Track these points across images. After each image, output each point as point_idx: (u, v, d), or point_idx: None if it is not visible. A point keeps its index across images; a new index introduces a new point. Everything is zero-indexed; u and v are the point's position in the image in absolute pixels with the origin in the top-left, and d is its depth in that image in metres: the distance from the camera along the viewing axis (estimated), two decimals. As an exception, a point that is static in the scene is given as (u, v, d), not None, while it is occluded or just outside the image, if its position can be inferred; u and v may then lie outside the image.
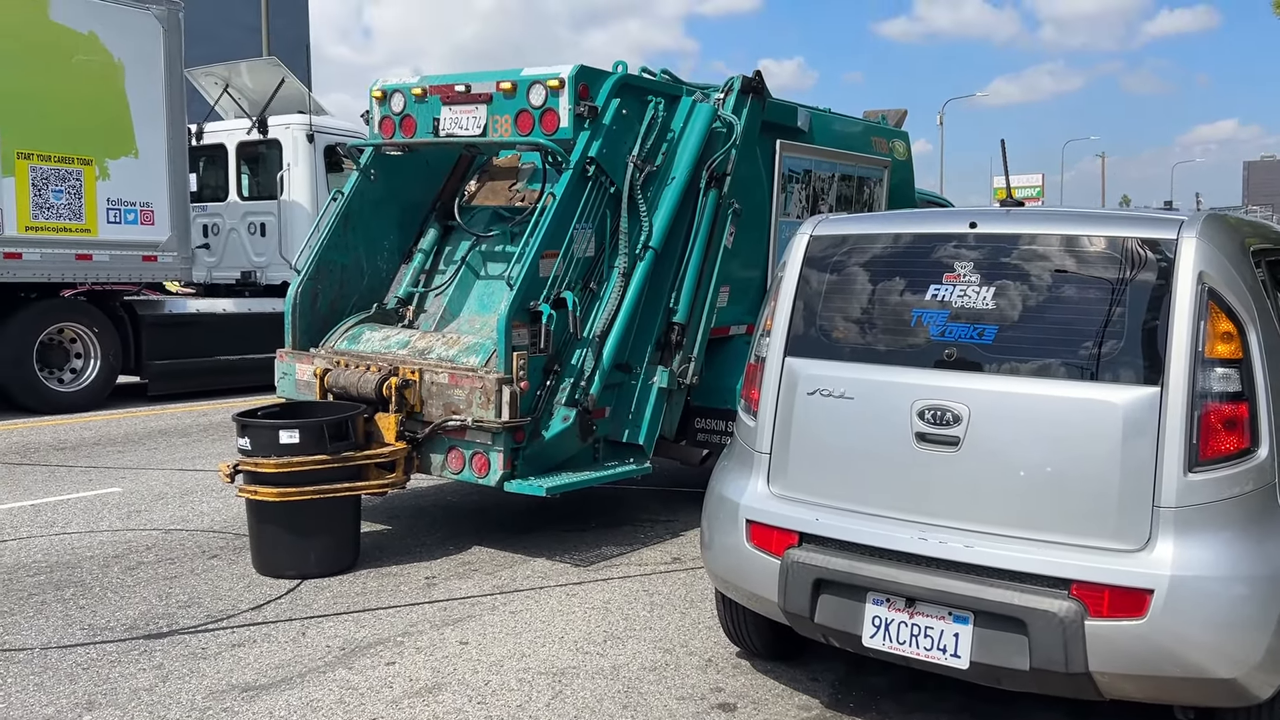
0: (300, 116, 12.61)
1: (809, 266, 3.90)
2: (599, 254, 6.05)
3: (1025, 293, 3.43)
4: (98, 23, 10.73)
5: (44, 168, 10.37)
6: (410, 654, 4.41)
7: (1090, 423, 3.21)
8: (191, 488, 7.31)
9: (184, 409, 10.89)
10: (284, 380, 6.39)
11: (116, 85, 10.91)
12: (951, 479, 3.38)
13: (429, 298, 6.77)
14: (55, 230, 10.49)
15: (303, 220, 12.30)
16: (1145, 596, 3.04)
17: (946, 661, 3.30)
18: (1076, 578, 3.12)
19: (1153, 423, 3.13)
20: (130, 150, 11.05)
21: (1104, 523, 3.15)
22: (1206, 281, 3.20)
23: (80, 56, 10.61)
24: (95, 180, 10.76)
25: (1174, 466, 3.10)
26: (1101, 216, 3.57)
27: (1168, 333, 3.18)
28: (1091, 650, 3.07)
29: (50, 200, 10.41)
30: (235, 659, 4.33)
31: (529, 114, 6.05)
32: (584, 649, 4.49)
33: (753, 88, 6.63)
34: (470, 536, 6.14)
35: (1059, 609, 3.10)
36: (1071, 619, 3.08)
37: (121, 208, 11.00)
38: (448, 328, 6.49)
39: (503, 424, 5.44)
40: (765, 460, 3.82)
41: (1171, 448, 3.10)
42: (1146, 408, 3.15)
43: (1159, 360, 3.17)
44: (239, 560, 5.64)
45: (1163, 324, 3.20)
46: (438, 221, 6.95)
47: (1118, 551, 3.12)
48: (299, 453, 5.19)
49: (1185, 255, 3.24)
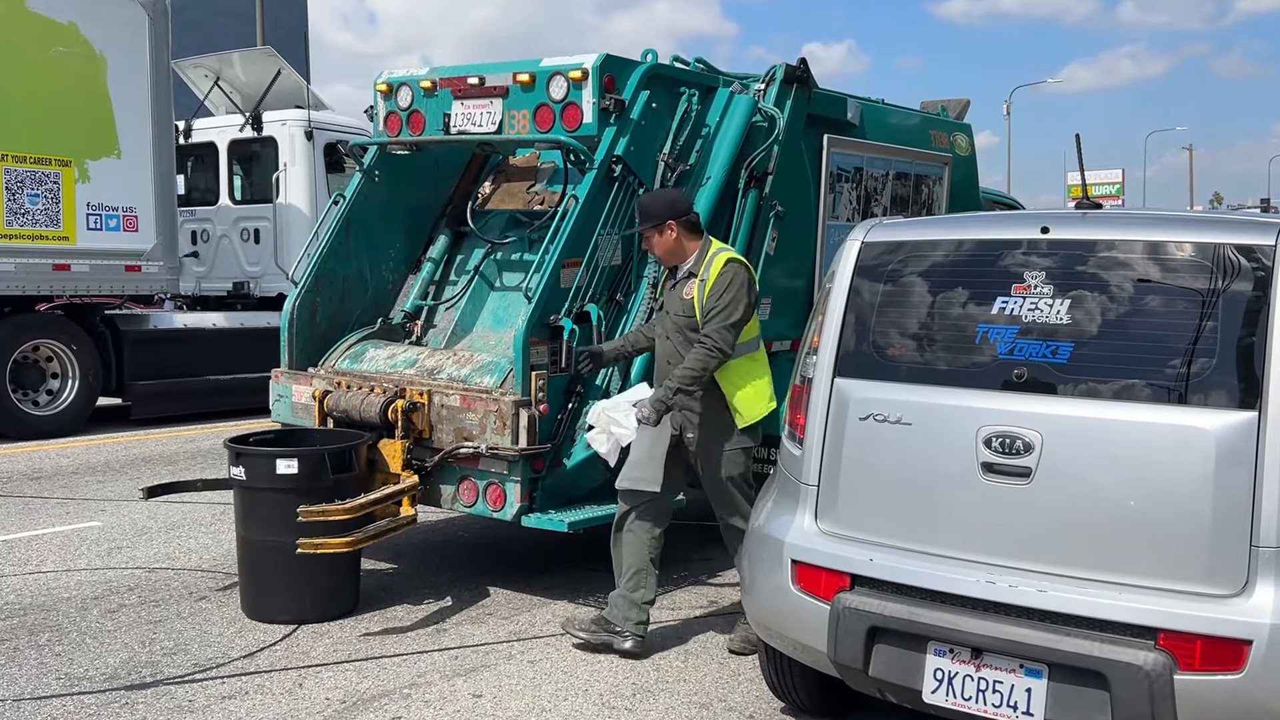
0: (298, 112, 12.73)
1: (860, 276, 3.89)
2: (626, 262, 6.06)
3: (1104, 305, 3.41)
4: (78, 12, 10.90)
5: (18, 169, 10.54)
6: (418, 708, 4.42)
7: (1178, 451, 3.18)
8: (178, 522, 7.38)
9: (170, 434, 11.00)
10: (280, 403, 6.44)
11: (98, 80, 11.08)
12: (1023, 515, 3.36)
13: (439, 311, 6.81)
14: (30, 238, 10.64)
15: (300, 226, 12.41)
16: (1243, 647, 3.00)
17: (1017, 720, 3.27)
18: (1164, 626, 3.09)
19: (1250, 451, 3.10)
20: (113, 150, 11.19)
21: (1195, 564, 3.12)
22: (1309, 292, 3.16)
23: (59, 49, 10.79)
24: (74, 183, 10.91)
25: (1275, 500, 3.06)
26: (1189, 220, 3.54)
27: (1266, 350, 3.15)
28: (1181, 708, 3.03)
29: (25, 205, 10.57)
30: (225, 712, 4.35)
31: (549, 108, 6.09)
32: (610, 703, 4.48)
33: (797, 77, 6.63)
34: (484, 576, 6.16)
35: (1144, 661, 3.07)
36: (1159, 673, 3.05)
37: (103, 213, 11.15)
38: (459, 344, 6.53)
39: (520, 451, 5.45)
40: (813, 493, 3.81)
41: (1272, 479, 3.07)
42: (1243, 434, 3.12)
43: (1256, 381, 3.14)
44: (229, 603, 5.69)
45: (1260, 340, 3.17)
46: (449, 227, 7.00)
47: (1211, 597, 3.09)
48: (298, 483, 5.23)
49: (1285, 263, 3.21)
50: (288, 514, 5.14)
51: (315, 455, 5.32)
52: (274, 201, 12.74)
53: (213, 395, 12.08)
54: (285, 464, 5.26)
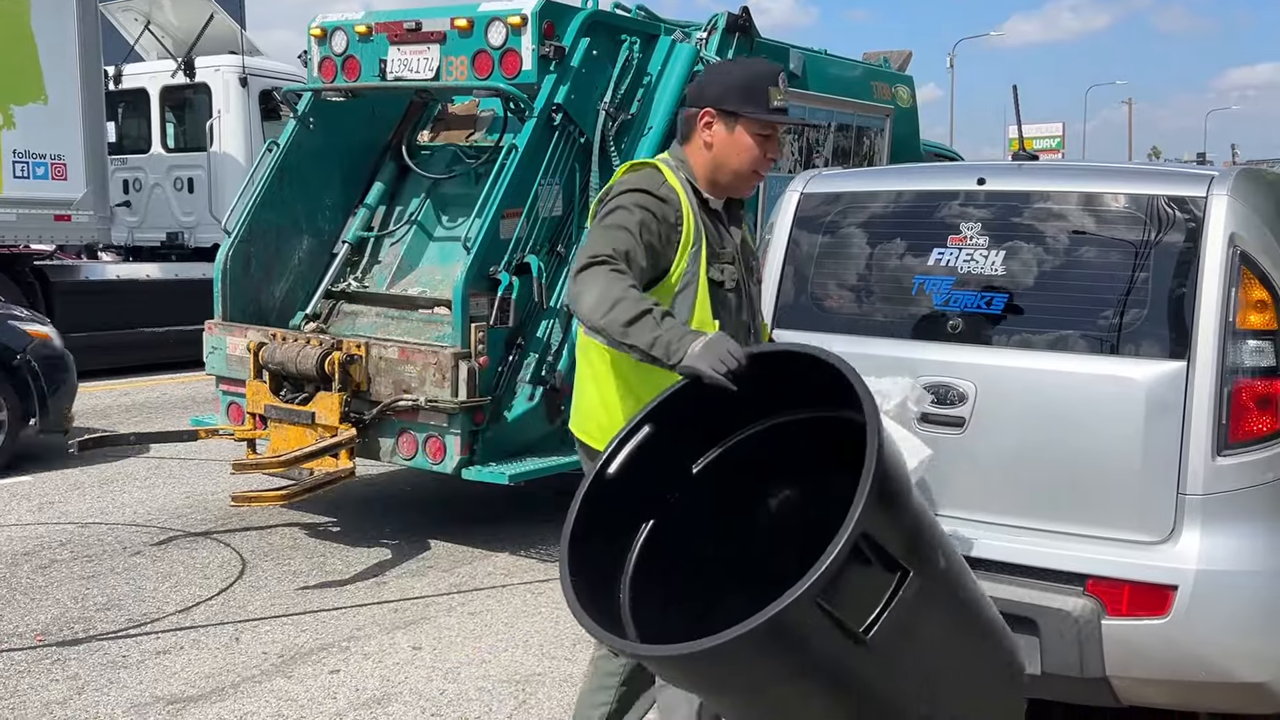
0: (232, 58, 12.45)
1: (799, 227, 3.89)
2: (567, 213, 6.02)
3: (1039, 257, 3.43)
4: (0, -49, 10.53)
5: (-60, 115, 10.21)
6: (357, 661, 4.41)
7: (1109, 401, 3.22)
8: (111, 476, 7.28)
9: (103, 387, 10.80)
10: (214, 355, 6.35)
11: (22, 22, 10.72)
12: (955, 464, 3.39)
13: (384, 246, 6.72)
14: (-47, 186, 10.34)
15: (236, 175, 12.13)
16: (1168, 593, 3.06)
17: (950, 666, 3.32)
18: (1092, 573, 3.14)
19: (1178, 401, 3.14)
20: (39, 96, 10.87)
21: (1123, 512, 3.17)
22: (1239, 244, 3.21)
23: (-21, -11, 10.43)
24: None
25: (1201, 449, 3.11)
26: (1122, 172, 3.57)
27: (1195, 301, 3.19)
28: (1109, 652, 3.09)
29: (-53, 153, 10.25)
30: (160, 668, 4.32)
31: (487, 55, 6.00)
32: (550, 654, 4.50)
33: (739, 26, 6.59)
34: (425, 529, 6.14)
35: (1073, 607, 3.13)
36: (1087, 618, 3.10)
37: (30, 161, 10.84)
38: (405, 279, 6.46)
39: (460, 404, 5.42)
40: (751, 444, 3.82)
41: (1199, 428, 3.12)
42: (1172, 384, 3.16)
43: (1186, 331, 3.18)
44: (164, 557, 5.62)
45: (1190, 291, 3.21)
46: (392, 161, 6.86)
47: (1138, 544, 3.14)
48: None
49: (1215, 215, 3.25)
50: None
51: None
52: (208, 150, 12.49)
53: (147, 348, 11.86)
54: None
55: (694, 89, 3.01)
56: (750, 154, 2.89)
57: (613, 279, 2.57)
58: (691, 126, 2.92)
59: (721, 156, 2.89)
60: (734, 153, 2.88)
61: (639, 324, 2.48)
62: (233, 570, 5.46)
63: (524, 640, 4.63)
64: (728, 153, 2.88)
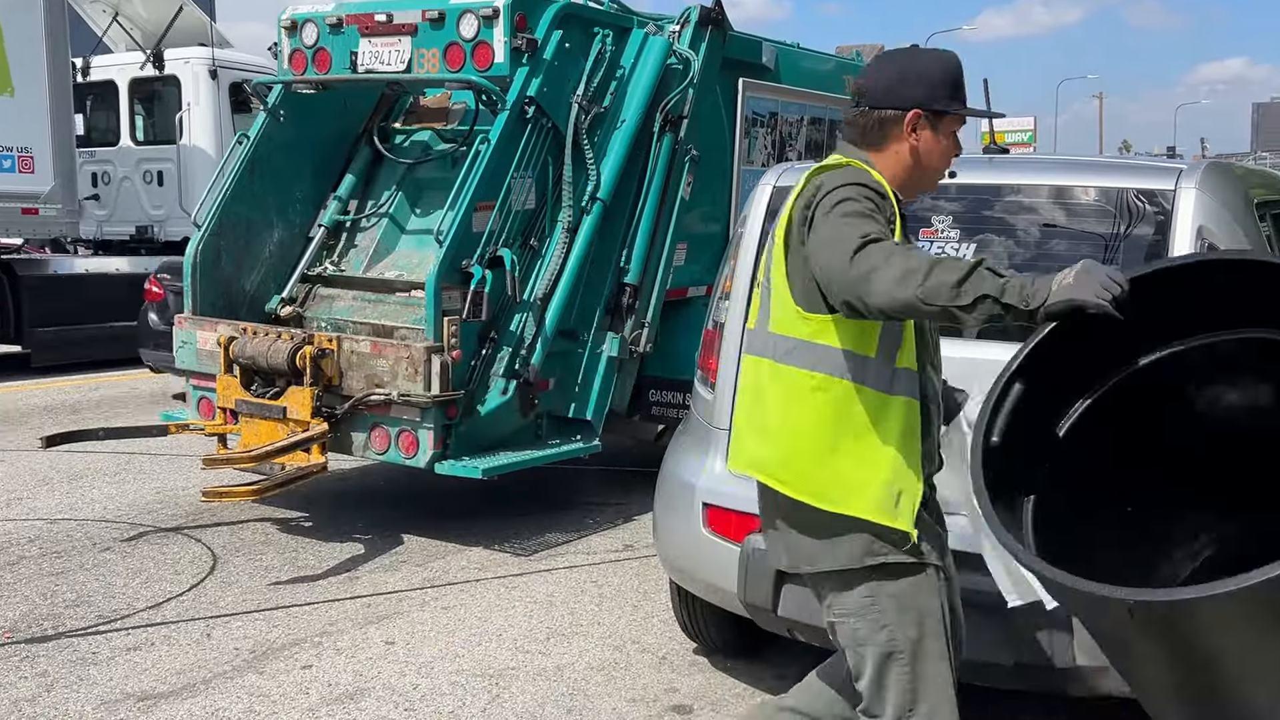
0: (202, 50, 12.35)
1: (772, 220, 3.89)
2: (540, 206, 6.00)
3: (1010, 249, 3.46)
4: (-36, -60, 10.41)
5: (-96, 107, 10.08)
6: (329, 656, 4.39)
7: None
8: (81, 471, 7.21)
9: (72, 382, 10.71)
10: (184, 349, 6.30)
11: (-13, 13, 10.61)
12: (928, 456, 3.40)
13: (360, 230, 6.69)
14: (-81, 179, 10.21)
15: (206, 168, 12.02)
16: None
17: (921, 656, 3.33)
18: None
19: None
20: (5, 88, 10.75)
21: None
22: (1206, 237, 3.24)
23: (-57, -21, 10.30)
24: (-36, 122, 10.48)
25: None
26: (1092, 165, 3.61)
27: (1164, 293, 3.21)
28: (1079, 641, 3.11)
29: (-88, 145, 10.14)
30: (131, 664, 4.28)
31: (459, 47, 5.98)
32: (524, 648, 4.49)
33: (712, 19, 6.59)
34: (397, 524, 6.12)
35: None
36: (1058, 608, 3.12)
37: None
38: (382, 263, 6.44)
39: (432, 398, 5.40)
40: (724, 437, 3.82)
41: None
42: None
43: (1154, 324, 3.20)
44: (134, 553, 5.58)
45: (1159, 284, 3.23)
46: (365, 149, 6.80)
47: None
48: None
49: (1183, 208, 3.28)
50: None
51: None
52: (178, 143, 12.38)
53: (116, 342, 11.73)
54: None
55: (881, 89, 2.61)
56: (949, 153, 2.65)
57: (906, 250, 2.29)
58: (889, 130, 2.58)
59: (927, 159, 2.61)
60: (937, 154, 2.62)
61: (974, 277, 2.18)
62: (204, 566, 5.42)
63: (497, 634, 4.62)
64: (932, 155, 2.61)
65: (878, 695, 2.59)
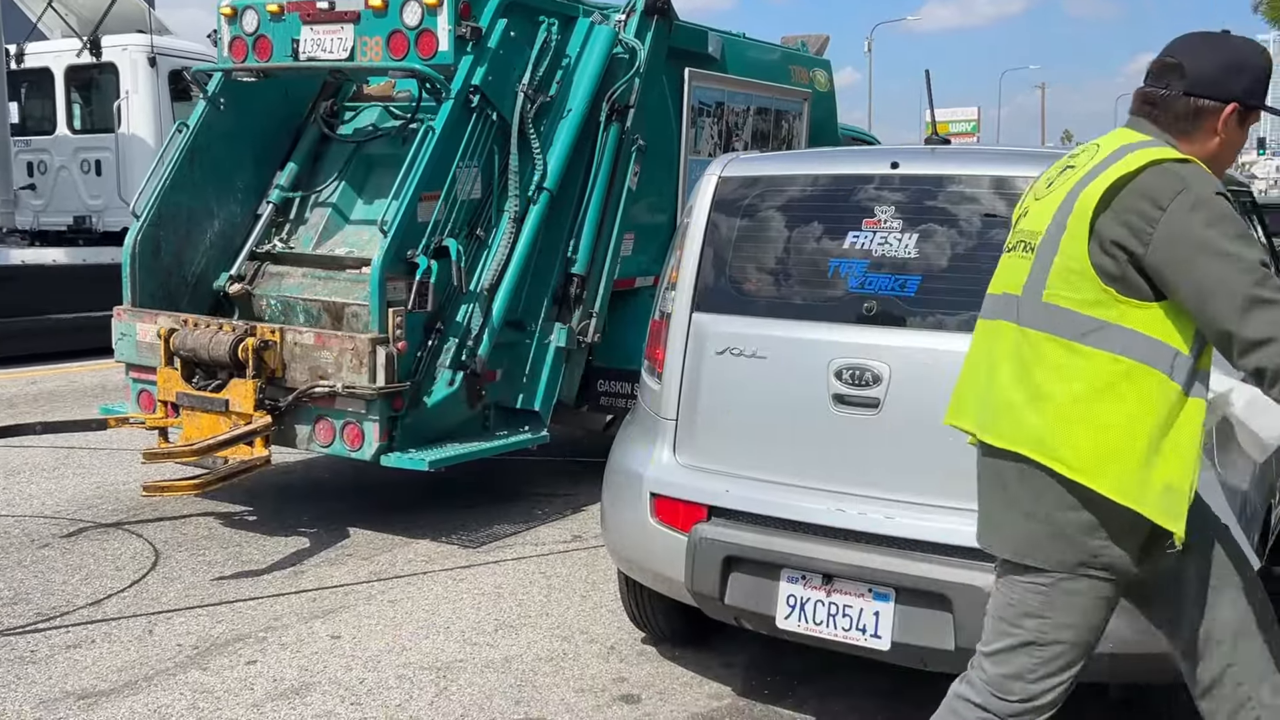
0: (140, 36, 12.15)
1: (718, 211, 3.91)
2: (486, 196, 5.98)
3: (952, 240, 3.49)
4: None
5: None
6: (274, 651, 4.35)
7: (1020, 381, 3.27)
8: (18, 467, 7.08)
9: (8, 375, 10.49)
10: (123, 342, 6.20)
11: (-84, -3, 10.36)
12: (871, 444, 3.44)
13: (309, 207, 6.61)
14: None
15: (145, 157, 11.83)
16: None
17: (866, 643, 3.38)
18: (1004, 549, 3.19)
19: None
20: (-65, 74, 10.52)
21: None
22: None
23: None
24: (-107, 110, 10.23)
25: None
26: (1031, 155, 3.64)
27: (1102, 282, 3.25)
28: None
29: None
30: (71, 662, 4.22)
31: (403, 35, 5.93)
32: (472, 640, 4.48)
33: (658, 9, 6.59)
34: (343, 518, 6.07)
35: (986, 584, 3.18)
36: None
37: (-74, 142, 10.49)
38: (332, 240, 6.38)
39: (378, 390, 5.36)
40: (671, 427, 3.85)
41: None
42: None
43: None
44: (74, 550, 5.49)
45: (1097, 273, 3.27)
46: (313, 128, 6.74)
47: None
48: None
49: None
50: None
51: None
52: (116, 131, 12.19)
53: (54, 335, 11.54)
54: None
55: (1208, 77, 2.47)
56: (1240, 147, 2.56)
57: None
58: (1203, 120, 2.47)
59: (1228, 153, 2.52)
60: (1234, 148, 2.52)
61: None
62: (145, 561, 5.35)
63: (445, 627, 4.60)
64: (1232, 150, 2.52)
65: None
